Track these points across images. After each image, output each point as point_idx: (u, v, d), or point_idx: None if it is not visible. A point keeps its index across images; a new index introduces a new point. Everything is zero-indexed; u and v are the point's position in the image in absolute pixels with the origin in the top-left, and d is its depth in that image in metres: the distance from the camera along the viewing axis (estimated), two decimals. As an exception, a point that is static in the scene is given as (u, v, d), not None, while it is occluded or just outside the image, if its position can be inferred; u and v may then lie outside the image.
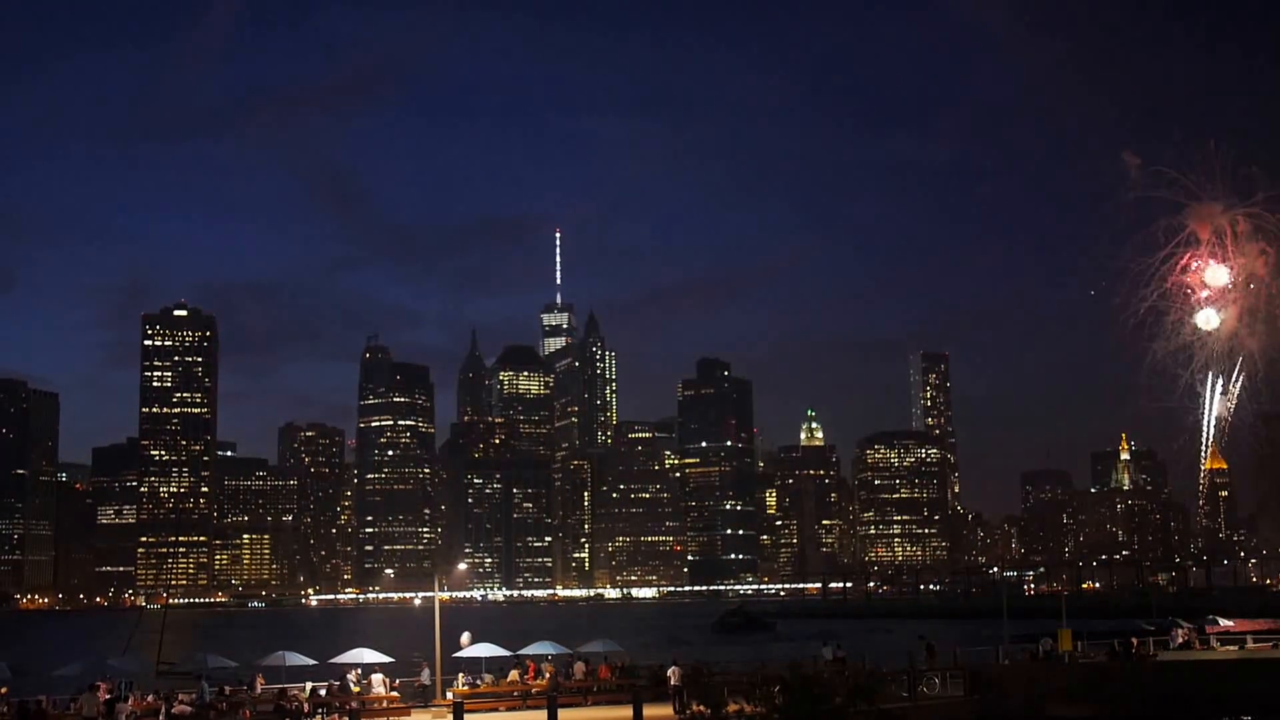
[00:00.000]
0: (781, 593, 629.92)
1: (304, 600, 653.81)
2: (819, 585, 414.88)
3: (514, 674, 64.44)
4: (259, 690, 59.82)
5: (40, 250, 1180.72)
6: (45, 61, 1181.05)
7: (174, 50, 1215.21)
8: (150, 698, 56.33)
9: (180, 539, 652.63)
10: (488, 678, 64.73)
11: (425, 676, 64.54)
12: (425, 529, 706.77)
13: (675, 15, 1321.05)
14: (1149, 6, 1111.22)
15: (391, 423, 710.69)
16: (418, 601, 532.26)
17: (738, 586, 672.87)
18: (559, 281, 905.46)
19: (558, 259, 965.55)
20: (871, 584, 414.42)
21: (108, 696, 53.44)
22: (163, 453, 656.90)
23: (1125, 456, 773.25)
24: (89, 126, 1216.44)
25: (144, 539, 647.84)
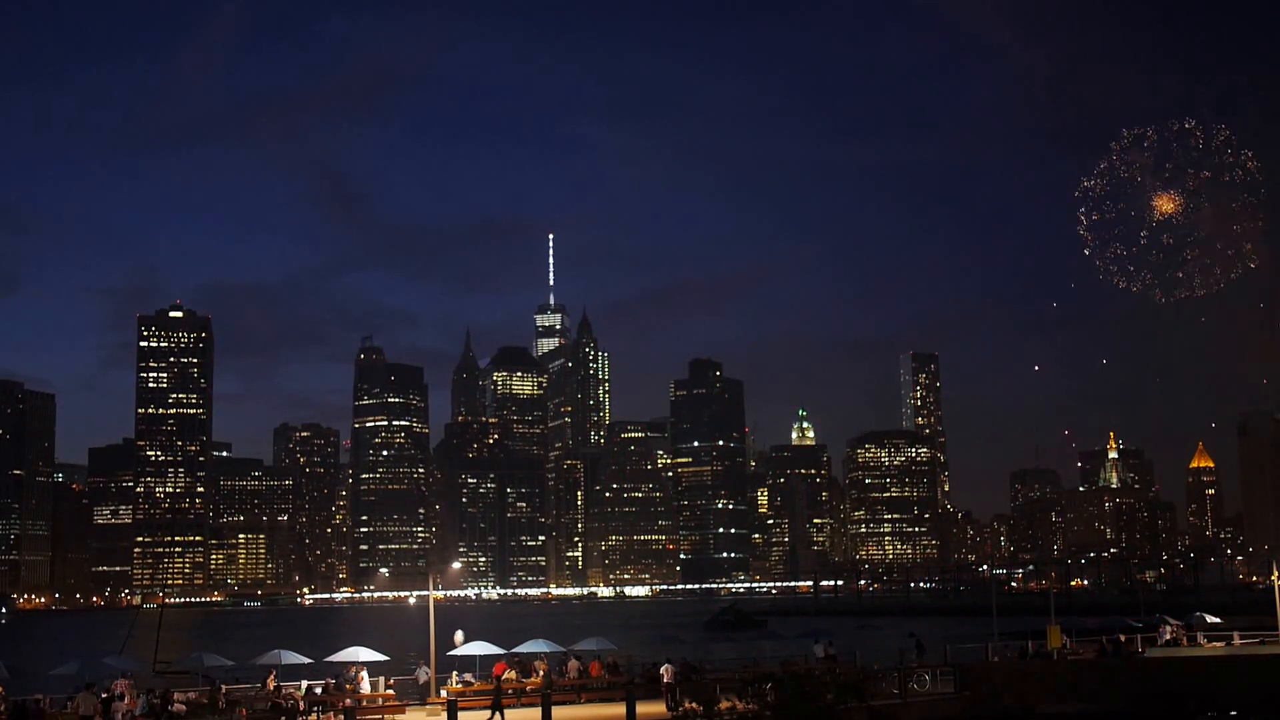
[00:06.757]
0: (773, 591, 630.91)
1: (299, 599, 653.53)
2: (810, 584, 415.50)
3: (511, 673, 65.02)
4: (272, 687, 60.36)
5: (42, 252, 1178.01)
6: (47, 66, 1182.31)
7: (176, 56, 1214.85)
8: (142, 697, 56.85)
9: (176, 539, 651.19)
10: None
11: (420, 674, 65.08)
12: (420, 528, 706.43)
13: (668, 24, 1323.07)
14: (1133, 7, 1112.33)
15: (386, 423, 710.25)
16: (412, 600, 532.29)
17: (730, 585, 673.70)
18: (552, 283, 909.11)
19: (551, 261, 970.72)
20: (862, 582, 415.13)
21: (105, 695, 54.05)
22: (159, 453, 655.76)
23: (1113, 455, 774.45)
24: (91, 130, 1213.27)
25: (140, 539, 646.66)
